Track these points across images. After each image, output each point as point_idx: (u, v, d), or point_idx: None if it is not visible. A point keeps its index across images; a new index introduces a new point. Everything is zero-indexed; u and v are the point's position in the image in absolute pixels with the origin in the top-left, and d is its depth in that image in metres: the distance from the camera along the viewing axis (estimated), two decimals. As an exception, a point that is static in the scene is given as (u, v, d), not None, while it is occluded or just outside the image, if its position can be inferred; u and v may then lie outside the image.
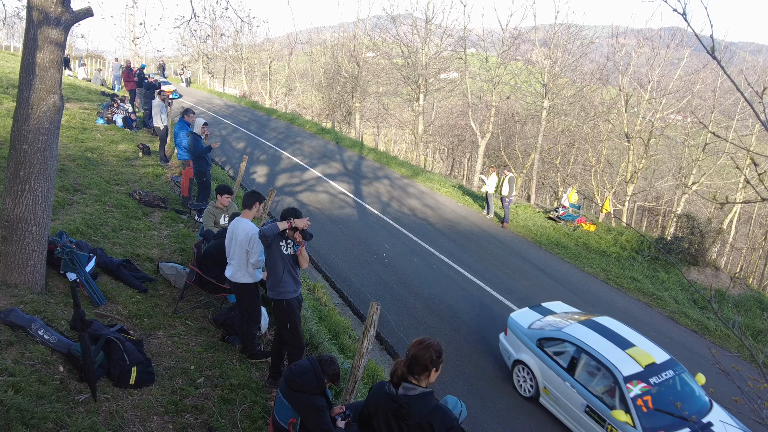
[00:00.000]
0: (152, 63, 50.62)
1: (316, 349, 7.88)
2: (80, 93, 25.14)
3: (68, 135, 16.16)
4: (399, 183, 22.27)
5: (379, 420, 3.95)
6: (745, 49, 39.78)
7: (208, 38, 49.26)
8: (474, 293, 12.60)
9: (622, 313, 12.62)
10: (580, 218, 19.91)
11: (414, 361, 3.80)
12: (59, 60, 6.45)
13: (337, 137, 30.60)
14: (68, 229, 8.98)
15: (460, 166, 45.82)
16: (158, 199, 12.65)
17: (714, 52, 3.35)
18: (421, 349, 3.81)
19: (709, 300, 3.60)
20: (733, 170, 31.33)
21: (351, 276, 12.75)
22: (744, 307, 14.99)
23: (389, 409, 3.83)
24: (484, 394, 8.82)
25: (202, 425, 5.53)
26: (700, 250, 17.54)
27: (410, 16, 32.99)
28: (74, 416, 4.85)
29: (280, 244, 6.16)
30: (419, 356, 3.79)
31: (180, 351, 6.79)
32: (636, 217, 37.71)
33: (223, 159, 21.59)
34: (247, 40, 50.73)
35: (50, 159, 6.55)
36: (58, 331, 5.92)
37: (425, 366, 3.79)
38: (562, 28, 26.44)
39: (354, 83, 37.87)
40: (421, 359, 3.78)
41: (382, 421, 3.92)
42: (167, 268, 8.94)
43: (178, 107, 23.59)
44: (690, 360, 10.73)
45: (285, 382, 4.77)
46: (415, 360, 3.80)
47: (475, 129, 29.55)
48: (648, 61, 27.10)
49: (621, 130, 27.72)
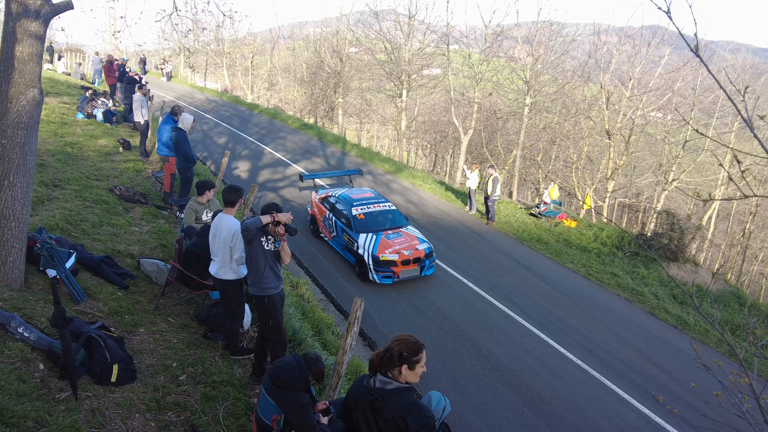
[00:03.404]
0: (133, 57, 50.00)
1: (299, 345, 7.87)
2: (60, 87, 24.85)
3: (47, 130, 15.97)
4: (382, 179, 22.26)
5: (358, 413, 3.97)
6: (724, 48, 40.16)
7: (190, 32, 48.80)
8: (457, 289, 12.64)
9: (603, 308, 12.73)
10: (562, 214, 20.03)
11: (386, 353, 3.84)
12: (38, 53, 6.36)
13: (319, 133, 30.52)
14: (48, 225, 8.87)
15: (443, 163, 45.91)
16: (139, 194, 12.54)
17: (698, 50, 3.38)
18: (396, 343, 3.86)
19: (691, 296, 3.64)
20: (712, 167, 31.75)
21: (334, 271, 12.74)
22: (723, 302, 15.19)
23: (366, 402, 3.85)
24: (468, 389, 8.86)
25: (185, 423, 5.50)
26: (679, 246, 17.71)
27: (393, 12, 32.98)
28: (55, 414, 4.80)
29: (261, 239, 6.14)
30: (391, 348, 3.84)
31: (162, 348, 6.75)
32: (616, 213, 38.07)
33: (205, 154, 21.45)
34: (229, 35, 50.40)
35: (29, 154, 6.46)
36: (38, 328, 5.85)
37: (394, 360, 3.82)
38: (545, 26, 26.57)
39: (337, 79, 37.74)
40: (392, 352, 3.82)
41: (361, 414, 3.94)
42: (148, 264, 8.87)
43: (159, 102, 23.34)
44: (671, 355, 10.86)
45: (269, 378, 4.75)
46: (387, 352, 3.84)
47: (457, 125, 29.62)
48: (629, 58, 27.32)
49: (602, 128, 27.92)
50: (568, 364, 9.98)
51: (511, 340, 10.57)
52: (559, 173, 34.62)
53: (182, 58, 54.06)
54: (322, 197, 15.05)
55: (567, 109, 30.39)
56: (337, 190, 15.24)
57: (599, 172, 30.13)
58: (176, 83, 46.67)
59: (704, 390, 7.27)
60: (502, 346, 10.25)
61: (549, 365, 9.84)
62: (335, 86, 38.32)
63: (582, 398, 8.95)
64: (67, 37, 59.27)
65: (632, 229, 34.51)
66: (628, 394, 9.22)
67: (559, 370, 9.70)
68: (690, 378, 9.78)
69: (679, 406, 8.93)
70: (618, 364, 10.18)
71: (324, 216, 14.51)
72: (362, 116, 43.60)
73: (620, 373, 9.85)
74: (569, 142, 31.05)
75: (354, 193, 14.67)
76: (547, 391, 9.04)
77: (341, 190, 15.37)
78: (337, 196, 14.51)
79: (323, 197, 14.99)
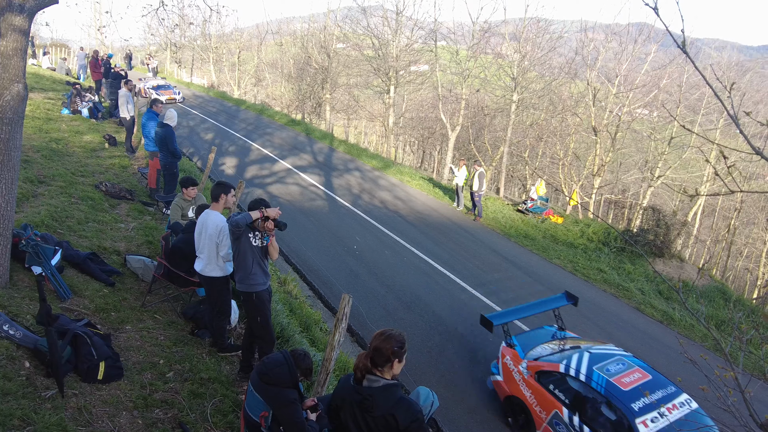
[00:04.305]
0: (119, 52, 49.64)
1: (287, 342, 7.86)
2: (45, 82, 24.61)
3: (32, 125, 15.82)
4: (370, 175, 22.26)
5: (345, 413, 3.98)
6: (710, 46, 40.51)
7: (176, 27, 48.52)
8: (445, 285, 12.67)
9: (589, 303, 12.81)
10: (548, 210, 20.13)
11: (377, 353, 3.84)
12: (23, 48, 6.30)
13: (307, 129, 30.44)
14: (33, 221, 8.80)
15: (431, 159, 45.93)
16: (125, 190, 12.46)
17: (685, 47, 3.40)
18: (382, 341, 3.85)
19: (677, 291, 3.67)
20: (698, 164, 31.99)
21: (322, 268, 12.73)
22: (708, 297, 15.34)
23: (354, 402, 3.86)
24: (455, 384, 8.89)
25: (172, 420, 5.48)
26: (665, 242, 17.85)
27: (381, 8, 32.88)
28: (41, 413, 4.77)
29: (249, 235, 6.13)
30: (381, 348, 3.83)
31: (149, 345, 6.71)
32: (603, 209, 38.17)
33: (191, 150, 21.34)
34: (216, 30, 50.15)
35: (14, 150, 6.39)
36: (23, 326, 5.81)
37: (387, 357, 3.84)
38: (532, 22, 26.65)
39: (324, 74, 37.65)
40: (384, 351, 3.82)
41: (349, 414, 3.95)
42: (135, 261, 8.82)
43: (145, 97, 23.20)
44: (657, 350, 10.96)
45: (257, 375, 4.74)
46: (377, 352, 3.84)
47: (445, 122, 29.64)
48: (616, 55, 27.48)
49: (588, 124, 28.06)
50: (555, 359, 10.03)
51: (498, 335, 10.61)
52: (545, 169, 34.78)
53: (168, 54, 53.71)
54: (538, 367, 7.72)
55: (554, 106, 30.53)
56: (571, 353, 7.71)
57: (586, 168, 30.30)
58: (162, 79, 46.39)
59: (690, 384, 7.32)
60: (489, 342, 10.29)
61: (536, 361, 9.88)
62: (323, 82, 38.23)
63: (569, 393, 8.99)
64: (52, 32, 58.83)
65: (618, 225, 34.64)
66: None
67: (546, 366, 9.74)
68: (676, 372, 9.85)
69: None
70: (604, 359, 10.25)
71: (551, 412, 7.32)
72: (350, 112, 43.56)
73: (606, 368, 9.91)
74: (556, 139, 31.21)
75: (614, 371, 7.14)
76: (534, 386, 9.08)
77: (577, 351, 7.80)
78: (584, 374, 7.11)
79: (544, 369, 7.64)
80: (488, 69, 29.82)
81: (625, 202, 38.16)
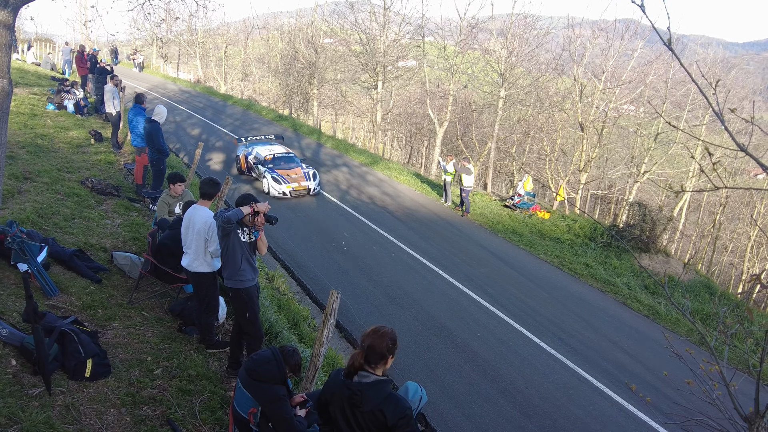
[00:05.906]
0: (104, 47, 49.16)
1: (275, 338, 7.86)
2: (29, 78, 24.39)
3: (17, 121, 15.67)
4: (358, 171, 22.26)
5: (335, 407, 3.99)
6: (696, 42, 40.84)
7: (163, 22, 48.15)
8: (433, 280, 12.71)
9: (576, 298, 12.91)
10: (535, 206, 20.23)
11: (371, 351, 3.85)
12: (7, 43, 6.25)
13: (294, 124, 30.38)
14: (18, 218, 8.72)
15: (418, 155, 45.99)
16: (111, 187, 12.38)
17: (671, 44, 3.43)
18: (376, 339, 3.86)
19: (663, 286, 3.71)
20: (684, 159, 32.27)
21: (310, 264, 12.73)
22: (693, 292, 15.50)
23: (344, 397, 3.88)
24: (444, 379, 8.93)
25: (161, 417, 5.47)
26: (651, 237, 18.00)
27: (369, 3, 32.87)
28: (28, 411, 4.75)
29: (238, 231, 6.12)
30: (375, 346, 3.84)
31: (136, 342, 6.69)
32: (589, 205, 38.51)
33: (178, 146, 21.23)
34: (202, 25, 49.80)
35: (-2, 146, 6.35)
36: (9, 323, 5.77)
37: (382, 354, 3.85)
38: (519, 18, 26.76)
39: (311, 70, 37.56)
40: (378, 348, 3.83)
41: (338, 409, 3.96)
42: (121, 257, 8.78)
43: (131, 93, 23.03)
44: (642, 344, 11.07)
45: (245, 371, 4.74)
46: (371, 350, 3.84)
47: (433, 117, 29.69)
48: (602, 52, 27.64)
49: (575, 120, 28.22)
50: (542, 353, 10.10)
51: (485, 330, 10.67)
52: (533, 165, 34.96)
53: (155, 49, 53.31)
54: None
55: (541, 102, 30.65)
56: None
57: (572, 164, 30.47)
58: (148, 74, 46.07)
59: (676, 378, 7.41)
60: (477, 337, 10.34)
61: (523, 355, 9.95)
62: (310, 77, 38.15)
63: (556, 387, 9.07)
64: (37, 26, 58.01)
65: (605, 220, 34.96)
66: (601, 382, 9.36)
67: (533, 360, 9.82)
68: (662, 366, 9.96)
69: (651, 394, 9.09)
70: (591, 353, 10.34)
71: None
72: (337, 108, 43.53)
73: (593, 363, 9.99)
74: (543, 135, 31.37)
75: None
76: (522, 380, 9.15)
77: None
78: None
79: None
80: (476, 65, 29.91)
81: (611, 198, 38.53)
